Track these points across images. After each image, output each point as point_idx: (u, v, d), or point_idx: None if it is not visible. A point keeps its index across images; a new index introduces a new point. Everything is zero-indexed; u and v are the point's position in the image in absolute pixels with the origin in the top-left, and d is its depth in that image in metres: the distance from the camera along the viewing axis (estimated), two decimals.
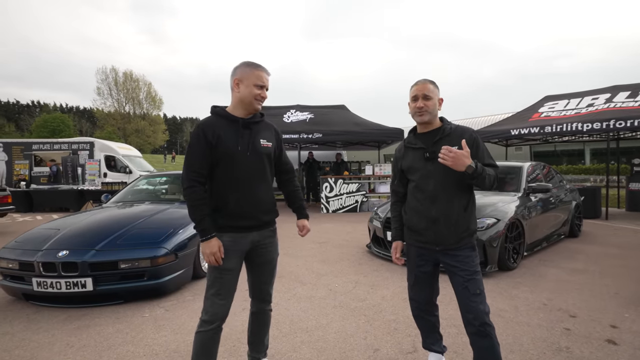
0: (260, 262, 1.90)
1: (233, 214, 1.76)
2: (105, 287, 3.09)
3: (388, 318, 2.89)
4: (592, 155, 30.87)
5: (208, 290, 1.79)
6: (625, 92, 8.88)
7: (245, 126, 1.79)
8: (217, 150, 1.72)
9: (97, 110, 47.06)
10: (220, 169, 1.73)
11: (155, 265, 3.20)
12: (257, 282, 1.94)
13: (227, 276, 1.77)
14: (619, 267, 4.25)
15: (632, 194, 9.70)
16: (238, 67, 1.79)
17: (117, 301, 3.18)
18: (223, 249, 1.73)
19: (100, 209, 4.42)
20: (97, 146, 14.35)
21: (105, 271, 3.08)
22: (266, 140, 1.86)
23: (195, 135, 1.73)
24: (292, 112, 10.96)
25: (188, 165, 1.73)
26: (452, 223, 1.83)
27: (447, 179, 1.82)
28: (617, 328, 2.66)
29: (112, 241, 3.26)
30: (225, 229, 1.77)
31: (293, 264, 4.56)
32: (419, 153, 1.89)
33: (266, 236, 1.88)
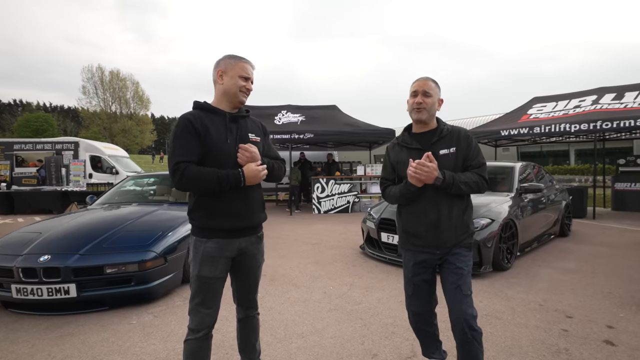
0: (246, 270, 1.79)
1: (223, 212, 1.64)
2: (90, 293, 2.94)
3: (385, 321, 2.83)
4: (577, 155, 31.59)
5: (192, 299, 1.69)
6: (611, 94, 9.05)
7: (232, 120, 1.71)
8: (205, 142, 1.60)
9: (82, 109, 46.00)
10: (208, 164, 1.61)
11: (144, 270, 3.07)
12: (242, 290, 1.84)
13: (212, 284, 1.67)
14: (610, 266, 4.29)
15: (617, 193, 9.91)
16: (221, 59, 1.71)
17: (102, 308, 3.04)
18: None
19: (85, 211, 4.25)
20: (82, 146, 13.95)
21: (89, 276, 2.94)
22: (254, 134, 1.78)
23: (181, 126, 1.60)
24: (284, 114, 10.85)
25: (174, 154, 1.57)
26: (452, 226, 1.79)
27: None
28: (613, 328, 2.65)
29: (97, 245, 3.12)
30: (212, 233, 1.66)
31: (286, 266, 4.47)
32: (415, 154, 1.81)
33: (253, 242, 1.77)
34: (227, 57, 1.71)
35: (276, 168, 1.83)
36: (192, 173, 1.56)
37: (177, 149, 1.59)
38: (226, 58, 1.70)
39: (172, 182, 1.59)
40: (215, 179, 1.57)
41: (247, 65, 1.70)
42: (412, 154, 1.83)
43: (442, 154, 1.79)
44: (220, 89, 1.70)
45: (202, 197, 1.65)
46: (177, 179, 1.56)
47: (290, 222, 8.23)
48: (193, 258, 1.69)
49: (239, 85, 1.67)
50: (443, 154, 1.79)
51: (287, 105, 11.31)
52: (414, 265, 1.86)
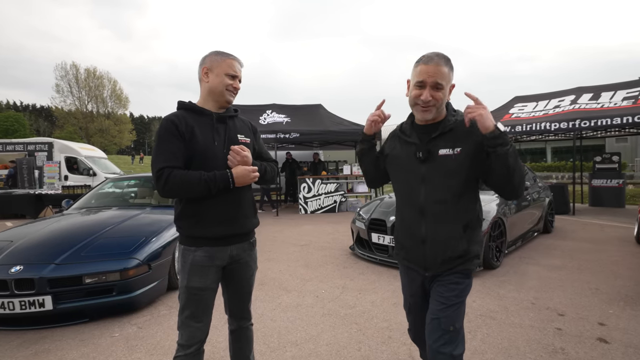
0: (239, 279, 1.68)
1: (211, 220, 1.53)
2: (68, 305, 2.75)
3: (380, 325, 2.77)
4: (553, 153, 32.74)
5: (182, 312, 1.56)
6: (588, 94, 9.35)
7: (220, 120, 1.59)
8: (191, 145, 1.49)
9: (56, 108, 44.13)
10: (195, 168, 1.49)
11: (126, 278, 2.90)
12: (235, 300, 1.72)
13: (203, 295, 1.55)
14: (594, 262, 4.39)
15: (594, 190, 10.25)
16: (207, 56, 1.59)
17: (81, 320, 2.85)
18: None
19: (61, 217, 4.00)
20: (56, 147, 13.35)
21: (67, 287, 2.75)
22: (244, 135, 1.66)
23: (165, 128, 1.48)
24: (269, 114, 10.68)
25: (157, 160, 1.45)
26: (445, 246, 1.41)
27: (444, 189, 1.41)
28: (605, 325, 2.68)
29: (75, 253, 2.92)
30: (201, 241, 1.54)
31: (275, 269, 4.35)
32: (410, 150, 1.47)
33: (245, 249, 1.66)
34: (213, 53, 1.59)
35: (268, 170, 1.72)
36: (177, 178, 1.44)
37: (161, 154, 1.47)
38: (212, 55, 1.58)
39: (157, 189, 1.47)
40: (203, 182, 1.46)
41: (234, 63, 1.58)
42: (407, 150, 1.49)
43: (442, 155, 1.41)
44: (206, 88, 1.58)
45: (190, 203, 1.53)
46: (162, 186, 1.44)
47: (277, 223, 8.10)
48: (181, 268, 1.57)
49: (225, 84, 1.55)
50: (443, 154, 1.41)
51: (273, 105, 11.14)
52: (410, 283, 1.58)
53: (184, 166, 1.49)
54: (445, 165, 1.41)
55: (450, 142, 1.41)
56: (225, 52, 1.59)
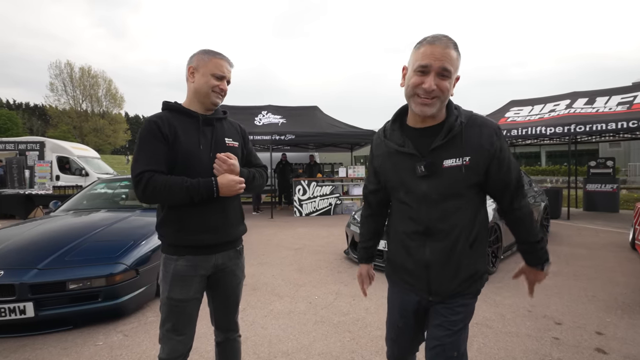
0: (224, 288, 1.59)
1: (195, 228, 1.44)
2: (50, 312, 2.64)
3: (375, 334, 2.70)
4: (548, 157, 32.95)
5: (163, 324, 1.48)
6: (583, 99, 9.39)
7: (206, 122, 1.51)
8: (175, 147, 1.41)
9: (50, 107, 43.63)
10: (177, 173, 1.41)
11: (112, 284, 2.80)
12: (221, 311, 1.64)
13: (185, 307, 1.47)
14: (590, 268, 4.36)
15: (589, 194, 10.29)
16: (194, 54, 1.51)
17: (65, 327, 2.74)
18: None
19: (48, 219, 3.89)
20: (48, 146, 13.16)
21: (49, 293, 2.64)
22: (232, 139, 1.58)
23: (146, 130, 1.40)
24: (264, 114, 10.59)
25: (137, 163, 1.37)
26: (453, 267, 1.22)
27: (451, 205, 1.20)
28: (602, 335, 2.63)
29: (59, 257, 2.82)
30: (183, 250, 1.45)
31: (268, 273, 4.27)
32: (408, 162, 1.22)
33: (231, 258, 1.58)
34: (200, 52, 1.51)
35: (257, 177, 1.62)
36: (158, 183, 1.35)
37: (141, 157, 1.38)
38: (199, 53, 1.50)
39: (136, 194, 1.39)
40: (184, 189, 1.37)
41: (222, 62, 1.49)
42: (404, 162, 1.22)
43: (447, 167, 1.17)
44: (191, 88, 1.50)
45: (172, 209, 1.45)
46: (141, 191, 1.36)
47: (271, 226, 8.01)
48: (162, 278, 1.49)
49: (210, 85, 1.46)
50: (449, 166, 1.17)
51: (268, 106, 11.06)
52: (402, 304, 1.35)
53: (167, 170, 1.41)
54: (452, 178, 1.17)
55: (456, 151, 1.16)
56: (214, 51, 1.50)
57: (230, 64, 1.53)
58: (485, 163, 1.17)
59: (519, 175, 1.25)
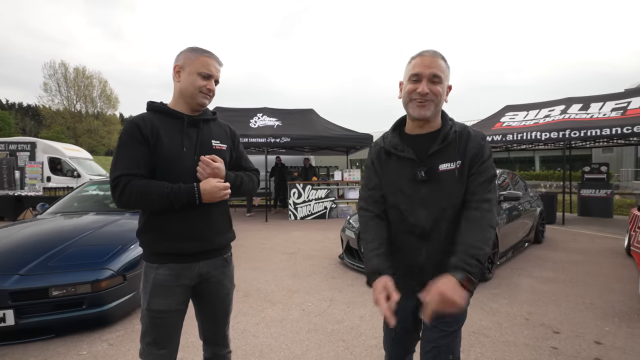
0: (211, 300, 1.49)
1: (177, 235, 1.36)
2: (32, 320, 2.54)
3: (369, 343, 2.62)
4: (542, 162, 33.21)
5: (143, 337, 1.39)
6: (578, 105, 9.43)
7: (191, 124, 1.42)
8: (156, 150, 1.34)
9: (43, 107, 43.17)
10: (159, 177, 1.34)
11: (98, 291, 2.70)
12: (208, 324, 1.53)
13: (167, 319, 1.38)
14: (586, 275, 4.32)
15: (583, 199, 10.31)
16: (181, 52, 1.43)
17: (47, 336, 2.63)
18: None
19: (34, 222, 3.78)
20: (39, 147, 12.94)
21: (31, 300, 2.54)
22: (219, 141, 1.49)
23: (127, 132, 1.33)
24: (259, 117, 10.51)
25: (116, 166, 1.31)
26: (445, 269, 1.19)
27: (445, 207, 1.25)
28: (601, 344, 2.58)
29: (42, 263, 2.71)
30: (164, 258, 1.37)
31: (261, 279, 4.18)
32: (407, 167, 1.28)
33: (218, 266, 1.48)
34: (187, 50, 1.43)
35: (245, 182, 1.53)
36: (135, 189, 1.27)
37: (120, 160, 1.31)
38: (186, 51, 1.42)
39: (113, 199, 1.31)
40: (164, 195, 1.29)
41: (209, 61, 1.40)
42: (403, 167, 1.29)
43: (442, 170, 1.25)
44: (177, 88, 1.42)
45: (154, 215, 1.37)
46: (117, 196, 1.28)
47: (265, 229, 7.91)
48: (143, 288, 1.40)
49: (197, 86, 1.38)
50: (444, 170, 1.25)
51: (264, 108, 10.98)
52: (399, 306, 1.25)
53: (148, 174, 1.33)
54: (448, 181, 1.25)
55: (450, 156, 1.25)
56: (201, 49, 1.42)
57: (219, 63, 1.45)
58: (471, 164, 1.25)
59: (492, 177, 1.26)
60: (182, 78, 1.40)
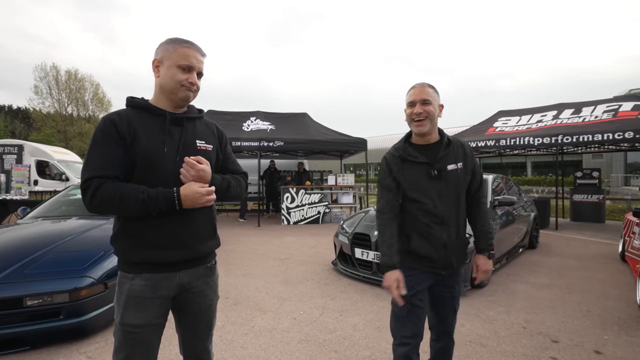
0: (193, 312, 1.37)
1: (154, 243, 1.25)
2: (5, 332, 2.38)
3: (362, 354, 2.51)
4: (533, 167, 33.52)
5: (116, 353, 1.27)
6: (570, 110, 9.50)
7: (174, 122, 1.31)
8: (133, 149, 1.22)
9: (33, 110, 42.52)
10: (137, 179, 1.23)
11: (76, 300, 2.56)
12: (189, 338, 1.41)
13: (142, 334, 1.25)
14: (582, 280, 4.27)
15: (575, 205, 10.35)
16: (160, 45, 1.32)
17: (22, 348, 2.47)
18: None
19: (13, 227, 3.61)
20: (27, 150, 12.65)
21: (4, 310, 2.39)
22: (205, 141, 1.38)
23: (101, 130, 1.21)
24: (253, 120, 10.40)
25: (87, 167, 1.20)
26: (460, 245, 1.72)
27: (455, 198, 1.69)
28: (602, 354, 2.50)
29: (17, 270, 2.56)
30: (140, 268, 1.25)
31: (251, 286, 4.04)
32: (422, 169, 1.68)
33: (200, 276, 1.36)
34: (166, 41, 1.32)
35: (233, 186, 1.41)
36: (108, 192, 1.16)
37: (92, 161, 1.19)
38: (164, 43, 1.31)
39: (84, 203, 1.19)
40: (139, 202, 1.17)
41: (189, 51, 1.29)
42: (419, 169, 1.67)
43: (450, 170, 1.68)
44: (157, 83, 1.32)
45: (129, 220, 1.25)
46: (88, 200, 1.16)
47: (257, 234, 7.77)
48: (116, 300, 1.28)
49: (177, 80, 1.27)
50: (451, 169, 1.68)
51: (257, 112, 10.88)
52: (417, 284, 1.67)
53: (124, 176, 1.22)
54: (454, 178, 1.68)
55: (453, 158, 1.69)
56: (180, 39, 1.31)
57: (201, 53, 1.33)
58: (471, 166, 1.75)
59: (482, 175, 1.83)
60: (161, 73, 1.29)
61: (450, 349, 1.87)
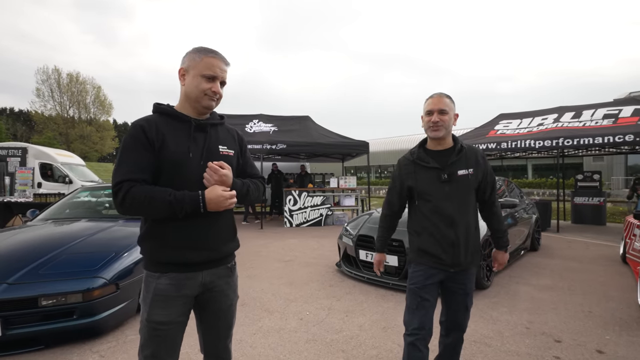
0: (215, 311, 1.43)
1: (180, 244, 1.31)
2: (20, 331, 2.44)
3: (370, 353, 2.56)
4: (534, 170, 33.55)
5: (141, 350, 1.33)
6: (570, 113, 9.56)
7: (199, 128, 1.38)
8: (161, 154, 1.29)
9: (35, 113, 42.70)
10: (164, 182, 1.29)
11: (89, 300, 2.61)
12: (210, 336, 1.47)
13: (168, 331, 1.31)
14: (583, 282, 4.32)
15: (576, 207, 10.40)
16: (186, 54, 1.39)
17: (35, 347, 2.53)
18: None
19: (24, 229, 3.67)
20: (30, 152, 12.73)
21: (19, 310, 2.44)
22: (226, 147, 1.45)
23: (131, 135, 1.28)
24: (255, 123, 10.48)
25: (118, 171, 1.26)
26: (469, 245, 1.82)
27: (464, 201, 1.81)
28: (604, 354, 2.55)
29: (31, 271, 2.62)
30: (166, 267, 1.31)
31: (257, 287, 4.10)
32: (433, 173, 1.81)
33: (222, 276, 1.43)
34: (192, 51, 1.38)
35: (252, 190, 1.47)
36: (138, 195, 1.22)
37: (122, 165, 1.26)
38: (191, 52, 1.38)
39: (114, 205, 1.25)
40: (167, 204, 1.24)
41: (213, 61, 1.35)
42: (430, 173, 1.81)
43: (460, 175, 1.79)
44: (182, 91, 1.39)
45: (156, 222, 1.31)
46: (119, 202, 1.23)
47: (260, 237, 7.83)
48: (143, 299, 1.34)
49: (202, 88, 1.34)
50: (461, 174, 1.79)
51: (259, 115, 10.96)
52: (426, 279, 1.82)
53: (152, 179, 1.29)
54: (464, 183, 1.80)
55: (464, 165, 1.80)
56: (206, 49, 1.38)
57: (225, 63, 1.40)
58: (482, 172, 1.85)
59: (495, 179, 1.94)
60: (186, 81, 1.36)
61: (458, 346, 1.98)
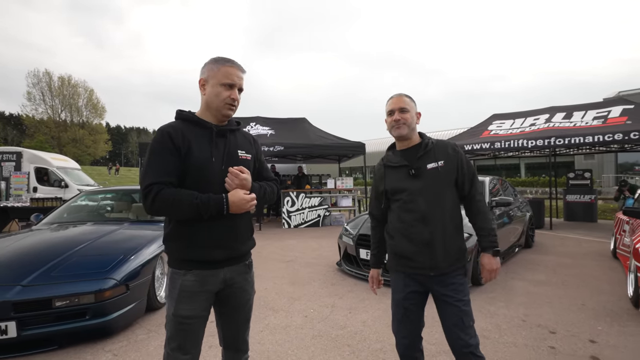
0: (234, 305, 1.53)
1: (203, 243, 1.41)
2: (35, 332, 2.50)
3: (374, 347, 2.67)
4: (527, 169, 34.01)
5: (168, 342, 1.42)
6: (561, 113, 9.78)
7: (219, 134, 1.48)
8: (187, 159, 1.38)
9: (26, 116, 42.21)
10: (189, 185, 1.38)
11: (101, 301, 2.68)
12: (230, 330, 1.57)
13: (192, 325, 1.41)
14: (576, 277, 4.47)
15: (569, 205, 10.64)
16: (204, 65, 1.48)
17: (49, 347, 2.59)
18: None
19: (30, 232, 3.72)
20: (25, 157, 12.66)
21: (34, 312, 2.51)
22: (245, 151, 1.55)
23: (159, 141, 1.37)
24: (253, 125, 10.56)
25: (147, 174, 1.34)
26: (445, 244, 1.68)
27: (438, 197, 1.70)
28: (596, 343, 2.69)
29: (44, 273, 2.69)
30: (190, 265, 1.41)
31: (261, 286, 4.18)
32: (402, 171, 1.76)
33: (241, 272, 1.53)
34: (210, 61, 1.48)
35: (268, 192, 1.58)
36: (166, 197, 1.31)
37: (151, 169, 1.35)
38: (209, 63, 1.47)
39: (144, 206, 1.35)
40: (194, 206, 1.33)
41: (231, 70, 1.45)
42: (399, 172, 1.76)
43: (430, 168, 1.73)
44: (204, 100, 1.48)
45: (180, 223, 1.41)
46: (149, 204, 1.32)
47: (259, 238, 7.87)
48: (169, 294, 1.43)
49: (222, 98, 1.43)
50: (431, 167, 1.73)
51: (257, 117, 11.04)
52: (405, 287, 1.74)
53: (178, 182, 1.38)
54: (434, 177, 1.72)
55: (432, 158, 1.74)
56: (223, 58, 1.47)
57: (242, 70, 1.50)
58: (454, 164, 1.74)
59: (475, 172, 1.80)
60: (207, 91, 1.45)
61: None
